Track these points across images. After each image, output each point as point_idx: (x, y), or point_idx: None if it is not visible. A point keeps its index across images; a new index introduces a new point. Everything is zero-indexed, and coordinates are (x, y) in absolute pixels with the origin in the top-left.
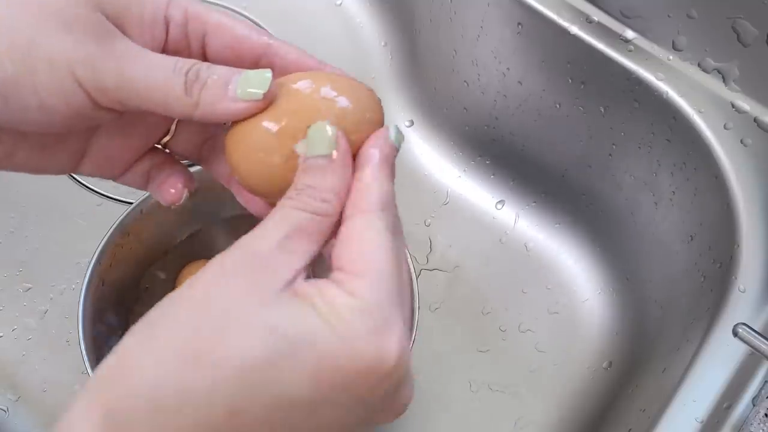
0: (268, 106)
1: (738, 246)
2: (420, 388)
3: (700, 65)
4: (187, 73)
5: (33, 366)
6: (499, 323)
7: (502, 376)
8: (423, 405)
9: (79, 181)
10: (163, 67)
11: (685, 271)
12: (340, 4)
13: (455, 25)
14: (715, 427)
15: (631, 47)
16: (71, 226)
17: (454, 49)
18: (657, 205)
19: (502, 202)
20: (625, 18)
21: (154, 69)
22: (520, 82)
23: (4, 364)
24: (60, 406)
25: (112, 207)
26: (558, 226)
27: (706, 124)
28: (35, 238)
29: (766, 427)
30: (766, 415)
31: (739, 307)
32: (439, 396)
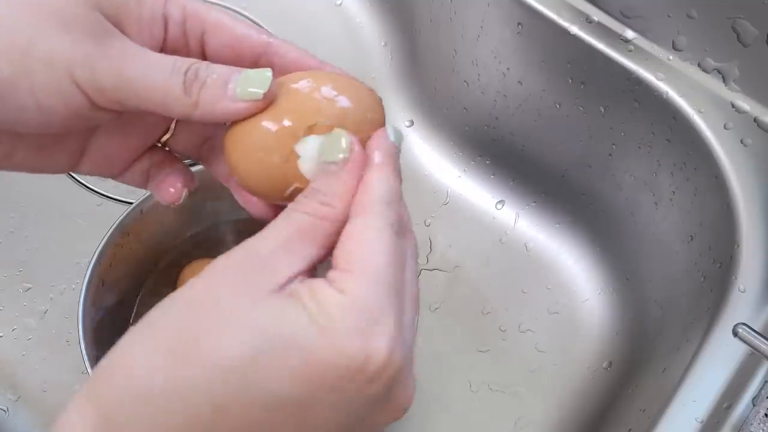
0: (268, 106)
1: (738, 246)
2: (420, 388)
3: (700, 65)
4: (186, 72)
5: (33, 366)
6: (499, 323)
7: (502, 376)
8: (423, 405)
9: (79, 180)
10: (161, 66)
11: (685, 271)
12: (340, 4)
13: (455, 25)
14: (715, 427)
15: (631, 47)
16: (71, 226)
17: (454, 49)
18: (657, 205)
19: (502, 202)
20: (625, 18)
21: (152, 68)
22: (520, 82)
23: (4, 364)
24: (60, 406)
25: (112, 207)
26: (558, 226)
27: (706, 124)
28: (35, 238)
29: (766, 427)
30: (766, 415)
31: (739, 307)
32: (439, 396)
